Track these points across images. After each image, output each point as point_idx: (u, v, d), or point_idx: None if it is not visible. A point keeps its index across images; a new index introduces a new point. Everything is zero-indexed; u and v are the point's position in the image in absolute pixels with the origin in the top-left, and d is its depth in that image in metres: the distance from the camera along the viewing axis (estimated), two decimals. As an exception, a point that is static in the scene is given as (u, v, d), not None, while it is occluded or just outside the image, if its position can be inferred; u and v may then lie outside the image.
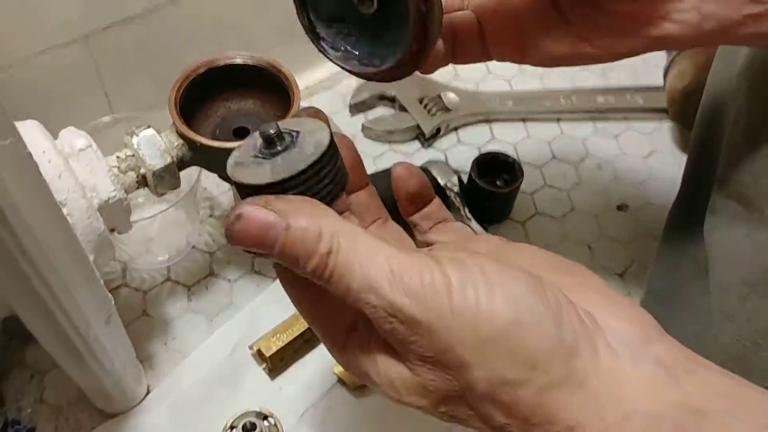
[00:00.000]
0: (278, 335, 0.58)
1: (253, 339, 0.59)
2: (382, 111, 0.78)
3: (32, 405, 0.56)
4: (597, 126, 0.78)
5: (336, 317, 0.31)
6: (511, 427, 0.26)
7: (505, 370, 0.26)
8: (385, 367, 0.29)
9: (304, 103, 0.77)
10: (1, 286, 0.42)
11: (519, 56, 0.42)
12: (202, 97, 0.56)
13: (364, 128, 0.75)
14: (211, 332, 0.61)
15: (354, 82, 0.78)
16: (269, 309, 0.61)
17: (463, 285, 0.26)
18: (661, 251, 0.58)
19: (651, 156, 0.75)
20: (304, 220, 0.27)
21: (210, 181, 0.70)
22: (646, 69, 0.82)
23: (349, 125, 0.76)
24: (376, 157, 0.74)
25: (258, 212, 0.27)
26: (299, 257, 0.27)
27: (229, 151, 0.54)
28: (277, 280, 0.63)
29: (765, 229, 0.44)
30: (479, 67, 0.84)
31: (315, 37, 0.37)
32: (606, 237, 0.69)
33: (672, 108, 0.72)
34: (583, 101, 0.78)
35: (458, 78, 0.82)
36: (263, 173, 0.29)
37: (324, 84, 0.80)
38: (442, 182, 0.66)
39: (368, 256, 0.27)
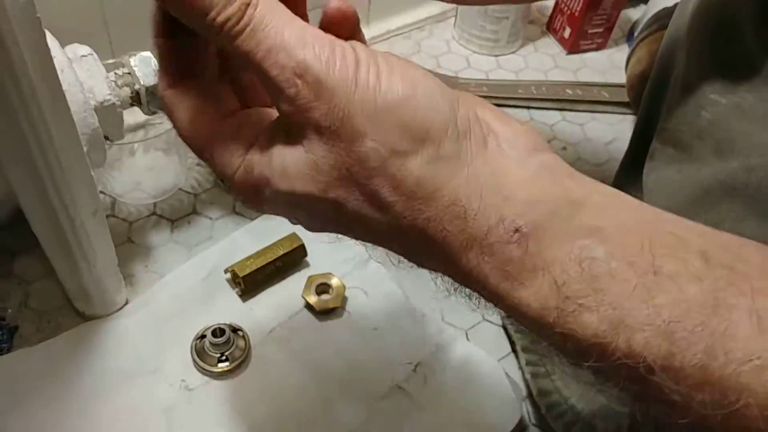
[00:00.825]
0: (252, 260, 0.62)
1: (228, 265, 0.63)
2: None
3: (17, 307, 0.60)
4: (565, 115, 0.84)
5: (242, 131, 0.30)
6: (396, 206, 0.27)
7: (396, 140, 0.26)
8: (280, 156, 0.28)
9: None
10: (11, 168, 0.47)
11: None
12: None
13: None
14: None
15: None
16: (246, 241, 0.66)
17: (368, 63, 0.27)
18: None
19: (613, 143, 0.81)
20: None
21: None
22: (614, 71, 0.89)
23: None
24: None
25: None
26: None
27: None
28: (257, 220, 0.68)
29: (692, 163, 0.49)
30: (459, 59, 0.90)
31: None
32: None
33: (630, 94, 0.78)
34: (552, 92, 0.84)
35: (439, 67, 0.88)
36: None
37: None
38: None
39: (286, 20, 0.27)
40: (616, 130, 0.82)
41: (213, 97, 0.31)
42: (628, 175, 0.60)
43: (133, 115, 0.65)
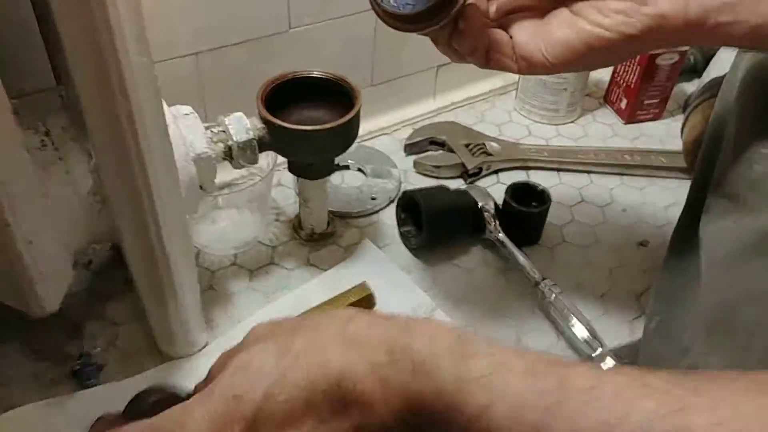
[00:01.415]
0: (324, 307, 0.66)
1: (301, 312, 0.67)
2: (432, 152, 0.89)
3: (105, 347, 0.65)
4: (624, 179, 0.87)
5: None
6: None
7: None
8: None
9: (366, 144, 0.89)
10: (120, 207, 0.52)
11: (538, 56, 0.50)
12: (282, 104, 0.68)
13: (415, 164, 0.86)
14: (267, 306, 0.69)
15: (410, 129, 0.90)
16: (318, 290, 0.70)
17: None
18: (667, 258, 0.64)
19: (672, 206, 0.83)
20: None
21: (279, 193, 0.82)
22: (670, 139, 0.92)
23: (404, 163, 0.87)
24: (423, 190, 0.84)
25: None
26: None
27: (301, 133, 0.66)
28: (330, 270, 0.72)
29: (747, 214, 0.52)
30: (520, 128, 0.95)
31: None
32: (626, 265, 0.75)
33: (687, 159, 0.81)
34: (611, 157, 0.87)
35: (501, 135, 0.93)
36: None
37: (384, 130, 0.92)
38: (479, 203, 0.76)
39: None
40: (674, 195, 0.85)
41: None
42: (685, 231, 0.62)
43: (220, 174, 0.71)
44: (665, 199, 0.85)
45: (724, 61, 0.83)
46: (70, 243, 0.55)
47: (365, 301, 0.67)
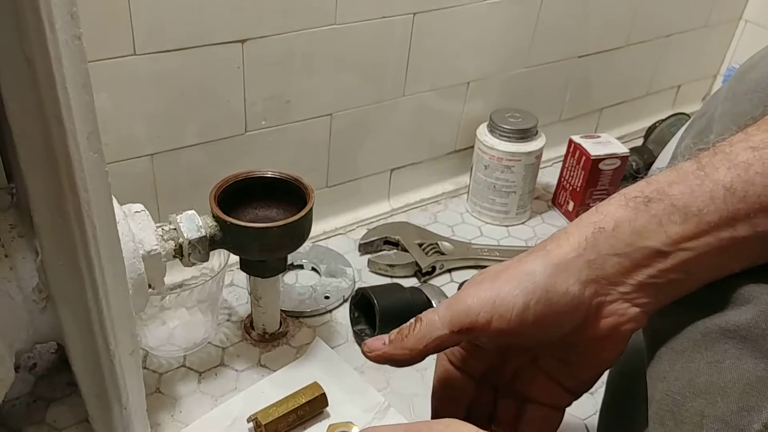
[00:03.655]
0: (275, 407, 0.64)
1: (251, 413, 0.65)
2: (386, 251, 0.90)
3: (45, 454, 0.62)
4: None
5: None
6: None
7: None
8: None
9: (321, 243, 0.90)
10: (63, 305, 0.52)
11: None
12: (237, 203, 0.69)
13: (369, 263, 0.86)
14: (215, 409, 0.67)
15: (365, 229, 0.92)
16: (269, 390, 0.68)
17: None
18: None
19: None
20: None
21: (231, 293, 0.81)
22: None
23: (358, 262, 0.87)
24: (377, 289, 0.84)
25: None
26: None
27: (253, 230, 0.67)
28: (280, 370, 0.71)
29: (682, 312, 0.53)
30: (473, 229, 0.97)
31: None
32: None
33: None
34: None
35: (454, 235, 0.95)
36: None
37: (339, 230, 0.93)
38: (433, 301, 0.76)
39: None
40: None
41: None
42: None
43: (170, 275, 0.70)
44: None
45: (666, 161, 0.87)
46: (12, 342, 0.54)
47: (317, 401, 0.66)
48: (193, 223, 0.63)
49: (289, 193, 0.70)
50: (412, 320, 0.45)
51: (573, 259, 0.43)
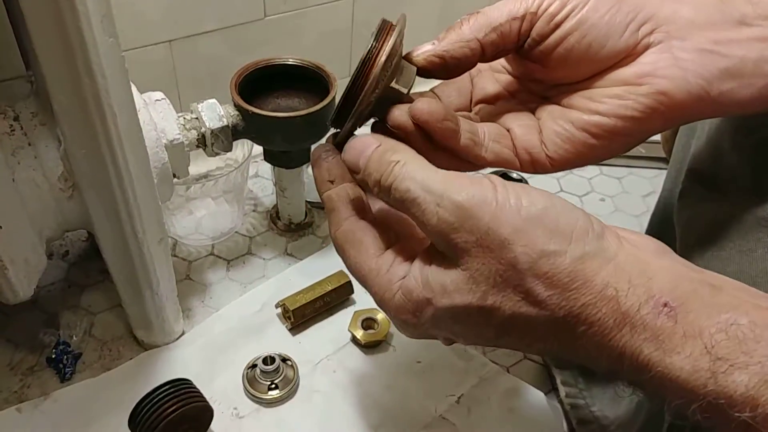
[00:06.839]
0: (302, 294, 0.66)
1: (279, 300, 0.66)
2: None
3: (81, 336, 0.64)
4: (602, 169, 0.87)
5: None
6: (552, 298, 0.30)
7: (544, 243, 0.30)
8: (437, 277, 0.33)
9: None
10: (89, 193, 0.52)
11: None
12: (258, 92, 0.68)
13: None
14: (244, 295, 0.69)
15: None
16: (296, 278, 0.69)
17: (504, 186, 0.32)
18: None
19: (650, 196, 0.83)
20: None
21: (256, 184, 0.81)
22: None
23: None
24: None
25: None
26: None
27: (276, 120, 0.63)
28: (307, 259, 0.72)
29: (719, 199, 0.52)
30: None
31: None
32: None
33: (666, 148, 0.81)
34: (590, 147, 0.87)
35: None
36: None
37: (362, 121, 0.91)
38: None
39: (426, 169, 0.33)
40: (653, 184, 0.85)
41: (371, 236, 0.36)
42: (662, 218, 0.63)
43: (195, 166, 0.70)
44: (644, 188, 0.85)
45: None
46: (41, 230, 0.55)
47: (343, 288, 0.67)
48: (215, 112, 0.62)
49: (311, 82, 0.68)
50: (465, 15, 0.39)
51: None
